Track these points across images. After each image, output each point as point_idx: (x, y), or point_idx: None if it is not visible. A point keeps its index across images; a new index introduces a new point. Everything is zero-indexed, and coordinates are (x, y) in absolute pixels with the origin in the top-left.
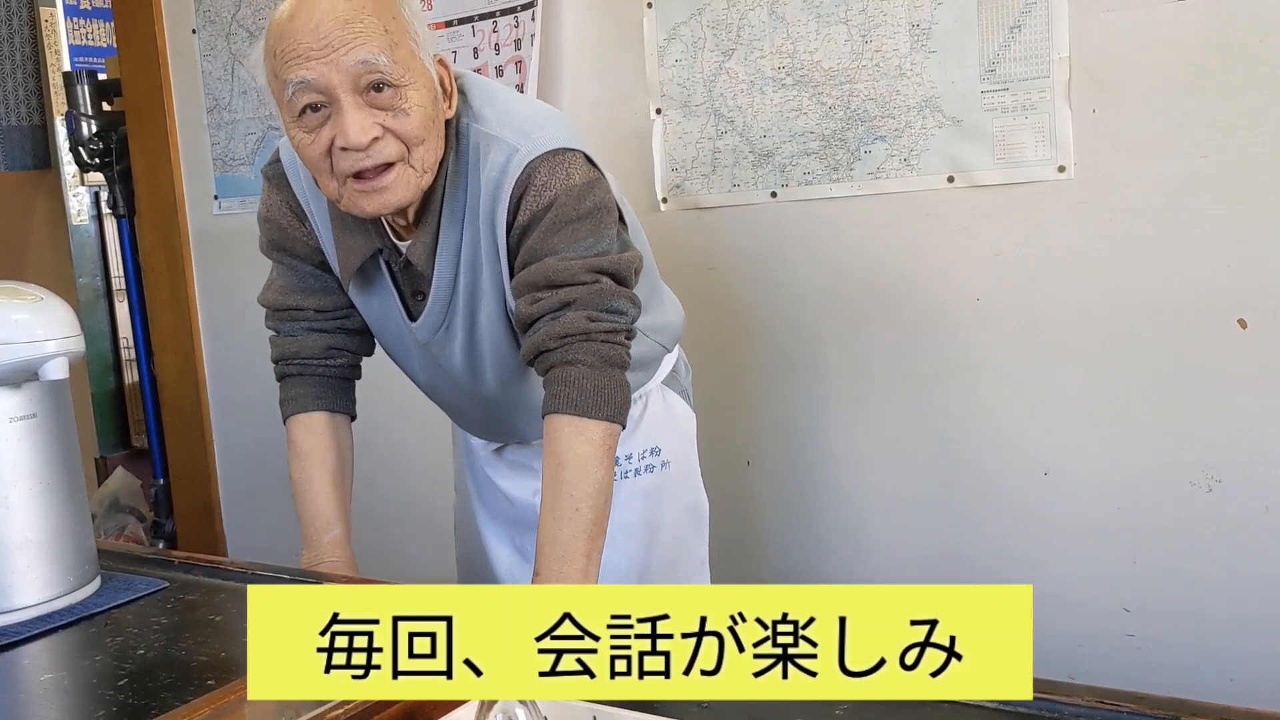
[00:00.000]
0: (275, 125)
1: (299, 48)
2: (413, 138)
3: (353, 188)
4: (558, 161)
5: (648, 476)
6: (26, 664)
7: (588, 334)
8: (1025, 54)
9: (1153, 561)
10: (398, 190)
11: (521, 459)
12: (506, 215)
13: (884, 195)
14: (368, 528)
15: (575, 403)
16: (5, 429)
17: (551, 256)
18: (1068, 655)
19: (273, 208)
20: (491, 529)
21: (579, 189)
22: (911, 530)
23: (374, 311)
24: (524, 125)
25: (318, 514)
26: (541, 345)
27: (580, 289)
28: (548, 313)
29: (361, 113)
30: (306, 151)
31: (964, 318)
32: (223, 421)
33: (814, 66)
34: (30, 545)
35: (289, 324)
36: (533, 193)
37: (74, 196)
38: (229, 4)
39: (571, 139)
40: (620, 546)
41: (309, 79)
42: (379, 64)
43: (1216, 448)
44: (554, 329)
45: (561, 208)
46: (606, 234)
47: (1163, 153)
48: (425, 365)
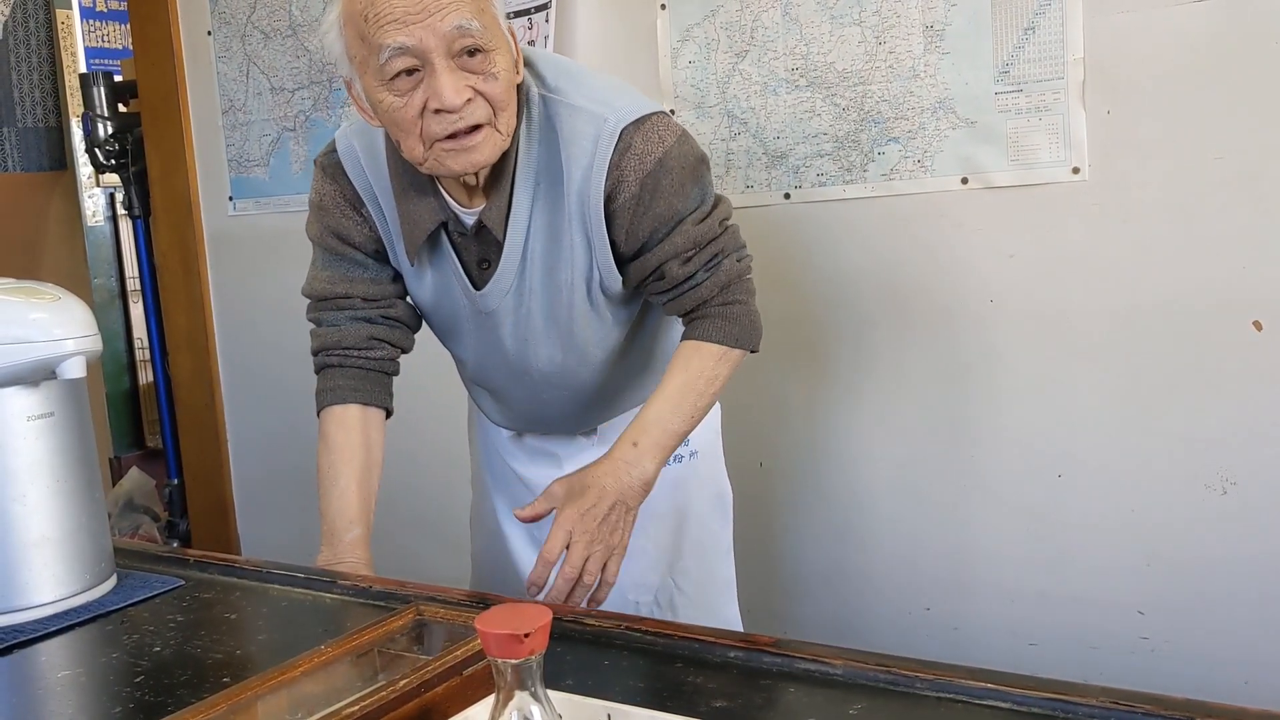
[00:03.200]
0: (290, 126)
1: (394, 13)
2: (500, 101)
3: (440, 149)
4: (650, 125)
5: (677, 466)
6: (44, 660)
7: (740, 275)
8: (1039, 55)
9: (1167, 563)
10: (484, 149)
11: (543, 445)
12: (606, 183)
13: (898, 197)
14: (381, 529)
15: (736, 337)
16: (23, 427)
17: (686, 219)
18: (1082, 657)
19: (325, 196)
20: (510, 522)
21: (679, 148)
22: (924, 531)
23: (431, 286)
24: (605, 96)
25: (340, 512)
26: (705, 296)
27: (721, 239)
28: (702, 267)
29: (455, 75)
30: (398, 115)
31: (978, 319)
32: (237, 421)
33: (827, 68)
34: (48, 543)
35: (333, 313)
36: (634, 159)
37: (89, 198)
38: (244, 6)
39: (651, 103)
40: (650, 534)
41: (406, 44)
42: (472, 29)
43: (1231, 450)
44: (717, 279)
45: (672, 170)
46: (709, 180)
47: (1177, 154)
48: (478, 341)
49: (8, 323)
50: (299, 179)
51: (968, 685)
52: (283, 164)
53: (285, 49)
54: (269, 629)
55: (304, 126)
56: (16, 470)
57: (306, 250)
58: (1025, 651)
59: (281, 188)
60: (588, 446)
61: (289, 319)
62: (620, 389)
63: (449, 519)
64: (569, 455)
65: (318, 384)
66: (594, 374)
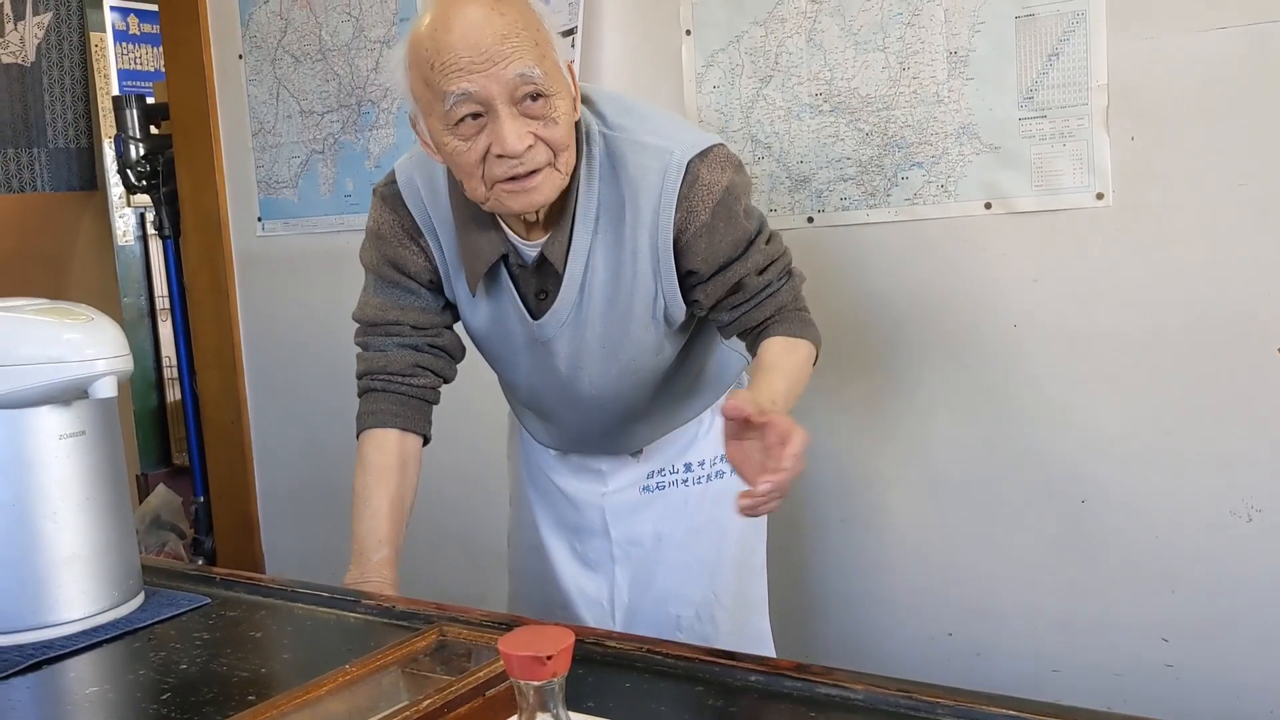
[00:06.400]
0: (318, 149)
1: (460, 61)
2: (560, 144)
3: (501, 190)
4: (713, 157)
5: (718, 482)
6: (72, 677)
7: (803, 280)
8: (1063, 81)
9: (1192, 590)
10: (544, 190)
11: (585, 462)
12: (676, 215)
13: (921, 221)
14: (405, 549)
15: (817, 340)
16: (55, 445)
17: (756, 239)
18: (1106, 684)
19: (384, 225)
20: (553, 536)
21: (739, 176)
22: (947, 555)
23: (487, 315)
24: (666, 130)
25: (371, 532)
26: (783, 302)
27: (785, 255)
28: (776, 277)
29: (517, 122)
30: (461, 158)
31: (1002, 343)
32: (263, 439)
33: (851, 93)
34: (77, 560)
35: (381, 339)
36: (702, 190)
37: (120, 217)
38: (275, 30)
39: (710, 134)
40: (691, 548)
41: (470, 90)
42: (533, 76)
43: (1256, 476)
44: (792, 287)
45: (739, 197)
46: (756, 201)
47: (1202, 180)
48: (531, 368)
49: (41, 342)
50: (327, 201)
51: (990, 712)
52: (311, 186)
53: (315, 73)
54: (294, 648)
55: (333, 149)
56: (48, 488)
57: (333, 271)
58: (1048, 678)
59: (310, 209)
60: (631, 463)
61: (315, 338)
62: (666, 411)
63: (471, 533)
64: (612, 470)
65: (360, 407)
66: (643, 398)
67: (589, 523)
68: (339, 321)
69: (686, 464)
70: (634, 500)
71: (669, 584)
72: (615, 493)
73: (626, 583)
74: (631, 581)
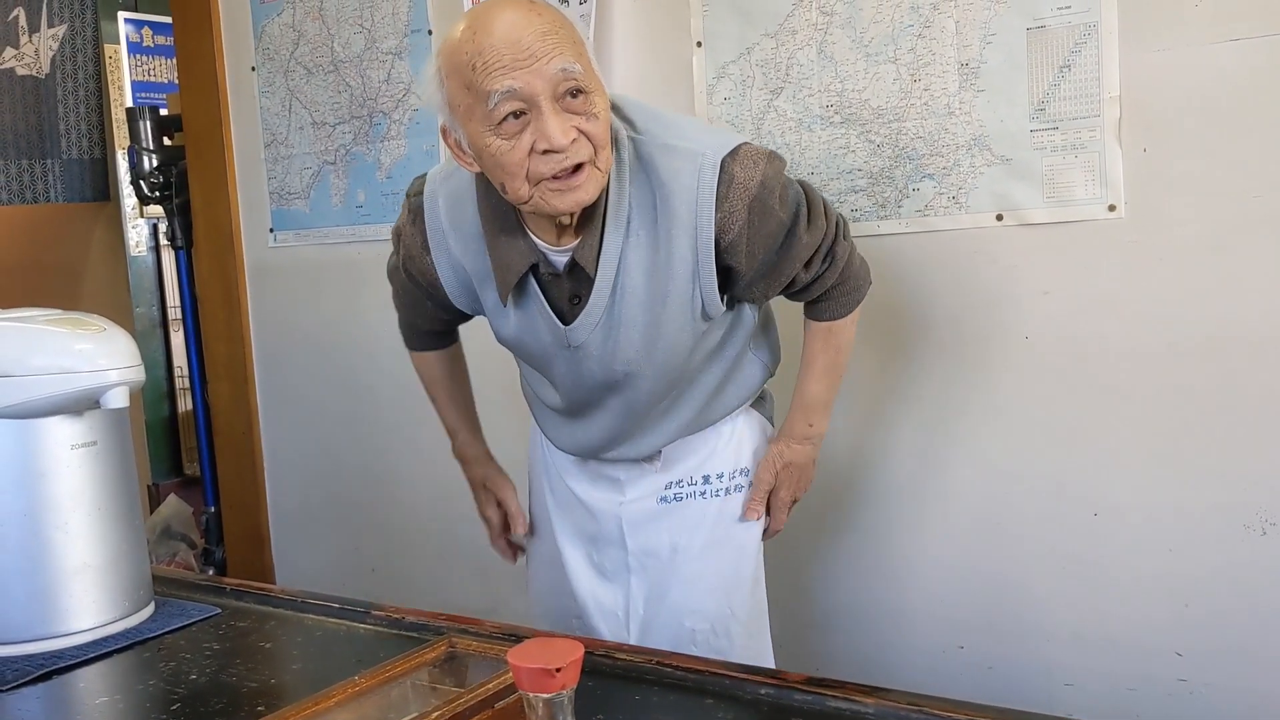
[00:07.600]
0: (330, 160)
1: (502, 59)
2: (600, 140)
3: (546, 188)
4: (743, 154)
5: (736, 496)
6: (83, 687)
7: (847, 249)
8: (1075, 93)
9: (1205, 605)
10: (588, 188)
11: (603, 470)
12: (717, 215)
13: (932, 233)
14: (408, 559)
15: (857, 299)
16: (67, 455)
17: (796, 227)
18: (1118, 699)
19: (404, 231)
20: (569, 544)
21: (771, 167)
22: (958, 568)
23: (515, 323)
24: (694, 134)
25: (458, 420)
26: (830, 284)
27: (833, 230)
28: (821, 261)
29: (560, 117)
30: (505, 158)
31: (1013, 356)
32: (274, 450)
33: (862, 105)
34: (88, 570)
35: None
36: (739, 189)
37: (133, 228)
38: (287, 42)
39: (737, 134)
40: (707, 561)
41: (515, 88)
42: (575, 71)
43: (1271, 490)
44: (835, 268)
45: (774, 189)
46: (791, 177)
47: (1214, 192)
48: (567, 370)
49: (53, 353)
50: (339, 212)
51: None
52: (323, 197)
53: (327, 84)
54: (303, 658)
55: (344, 160)
56: (59, 498)
57: (344, 282)
58: (1060, 692)
59: (322, 220)
60: (650, 472)
61: (326, 349)
62: (692, 413)
63: (481, 550)
64: (631, 480)
65: (402, 335)
66: (674, 399)
67: (606, 532)
68: (349, 332)
69: (705, 476)
70: (651, 510)
71: (684, 597)
72: (633, 502)
73: (642, 594)
74: (647, 593)
